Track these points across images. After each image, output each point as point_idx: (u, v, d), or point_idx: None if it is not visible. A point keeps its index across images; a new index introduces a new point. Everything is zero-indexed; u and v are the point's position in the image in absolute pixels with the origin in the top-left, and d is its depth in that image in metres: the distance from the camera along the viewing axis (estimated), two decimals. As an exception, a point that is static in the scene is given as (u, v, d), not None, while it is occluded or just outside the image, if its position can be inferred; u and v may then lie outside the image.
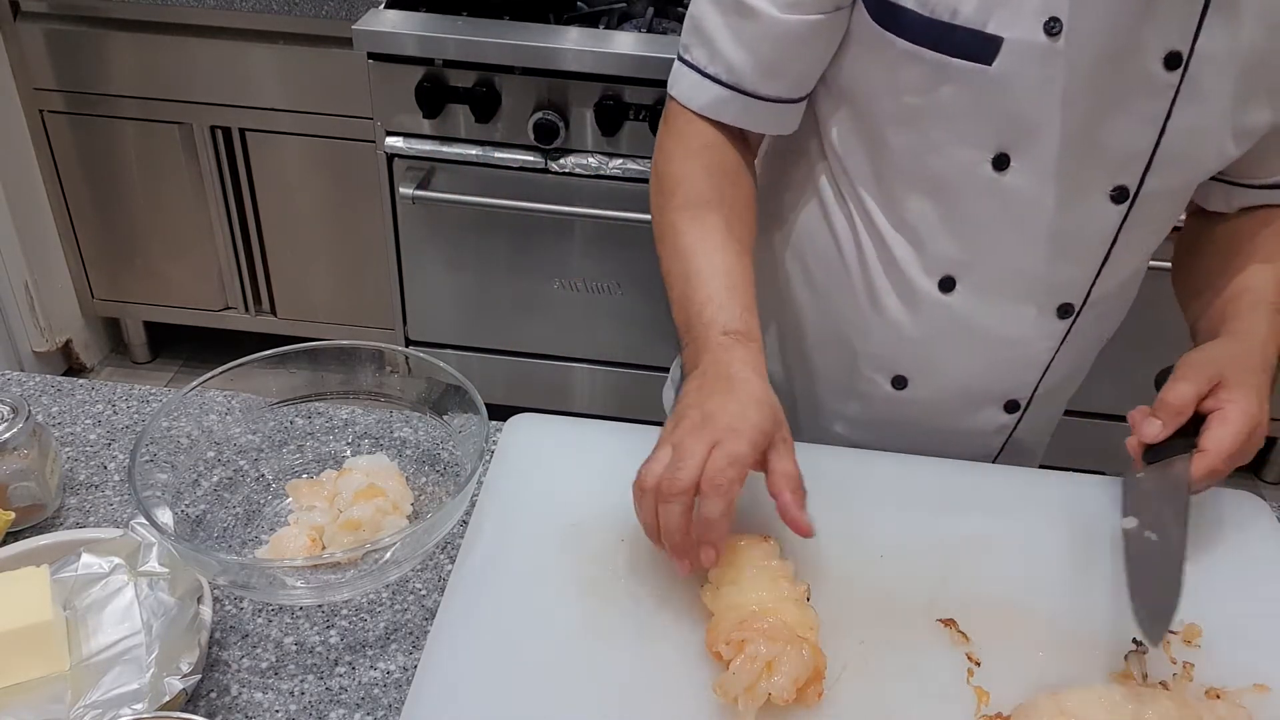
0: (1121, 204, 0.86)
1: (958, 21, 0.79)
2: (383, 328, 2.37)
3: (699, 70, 0.90)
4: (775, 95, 0.89)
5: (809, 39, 0.86)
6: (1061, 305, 0.93)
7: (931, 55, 0.82)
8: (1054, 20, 0.78)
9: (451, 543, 0.86)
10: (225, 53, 2.11)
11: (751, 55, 0.87)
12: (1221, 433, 0.80)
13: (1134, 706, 0.68)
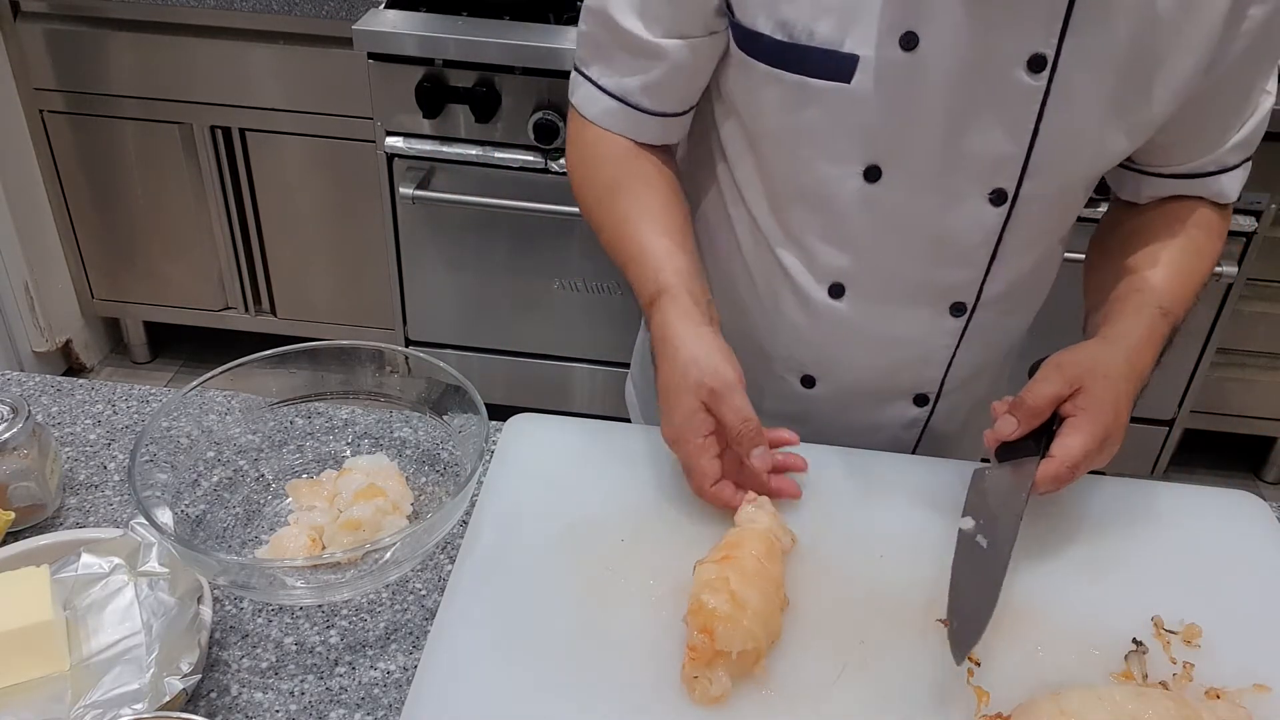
0: (1001, 206, 0.87)
1: (814, 43, 0.81)
2: (383, 328, 2.37)
3: (591, 81, 0.93)
4: (659, 110, 0.92)
5: (686, 60, 0.89)
6: (954, 305, 0.95)
7: (791, 77, 0.84)
8: (909, 35, 0.79)
9: (451, 543, 0.86)
10: (225, 53, 2.11)
11: (634, 74, 0.90)
12: (1070, 441, 0.80)
13: (1134, 706, 0.68)
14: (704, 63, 0.90)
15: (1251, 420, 2.28)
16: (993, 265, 0.92)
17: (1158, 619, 0.79)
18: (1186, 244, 0.93)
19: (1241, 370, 2.19)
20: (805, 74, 0.83)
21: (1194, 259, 0.93)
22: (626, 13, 0.87)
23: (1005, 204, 0.87)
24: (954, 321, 0.96)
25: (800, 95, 0.84)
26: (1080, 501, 0.90)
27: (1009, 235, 0.89)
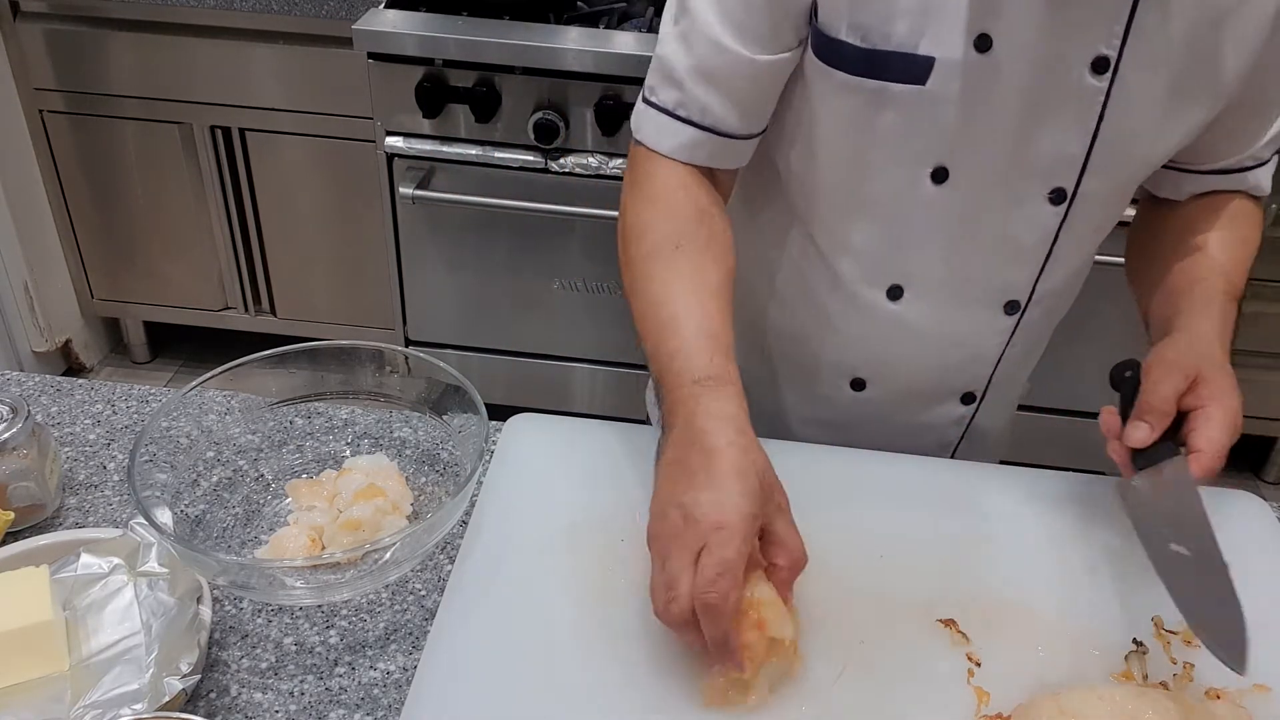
0: (1060, 205, 0.88)
1: (891, 47, 0.81)
2: (383, 328, 2.37)
3: (668, 113, 0.89)
4: (745, 132, 0.90)
5: (775, 76, 0.88)
6: (1008, 303, 0.95)
7: (870, 83, 0.84)
8: (984, 36, 0.80)
9: (451, 543, 0.86)
10: (225, 53, 2.11)
11: (725, 96, 0.87)
12: (1211, 432, 0.80)
13: (1134, 706, 0.68)
14: (787, 75, 0.89)
15: (1251, 420, 2.26)
16: (1048, 263, 0.93)
17: (1158, 619, 0.79)
18: (1233, 232, 0.95)
19: (1242, 370, 2.16)
20: (883, 79, 0.83)
21: (1241, 246, 0.95)
22: (723, 33, 0.84)
23: (1064, 203, 0.88)
24: (1007, 320, 0.96)
25: (877, 100, 0.84)
26: (1081, 501, 0.90)
27: (1065, 234, 0.90)
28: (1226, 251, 0.94)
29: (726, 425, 0.74)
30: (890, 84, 0.83)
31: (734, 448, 0.72)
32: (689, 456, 0.73)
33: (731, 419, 0.75)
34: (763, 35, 0.85)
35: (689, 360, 0.79)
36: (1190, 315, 0.88)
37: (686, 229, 0.87)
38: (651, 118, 0.90)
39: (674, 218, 0.88)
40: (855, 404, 1.04)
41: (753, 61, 0.85)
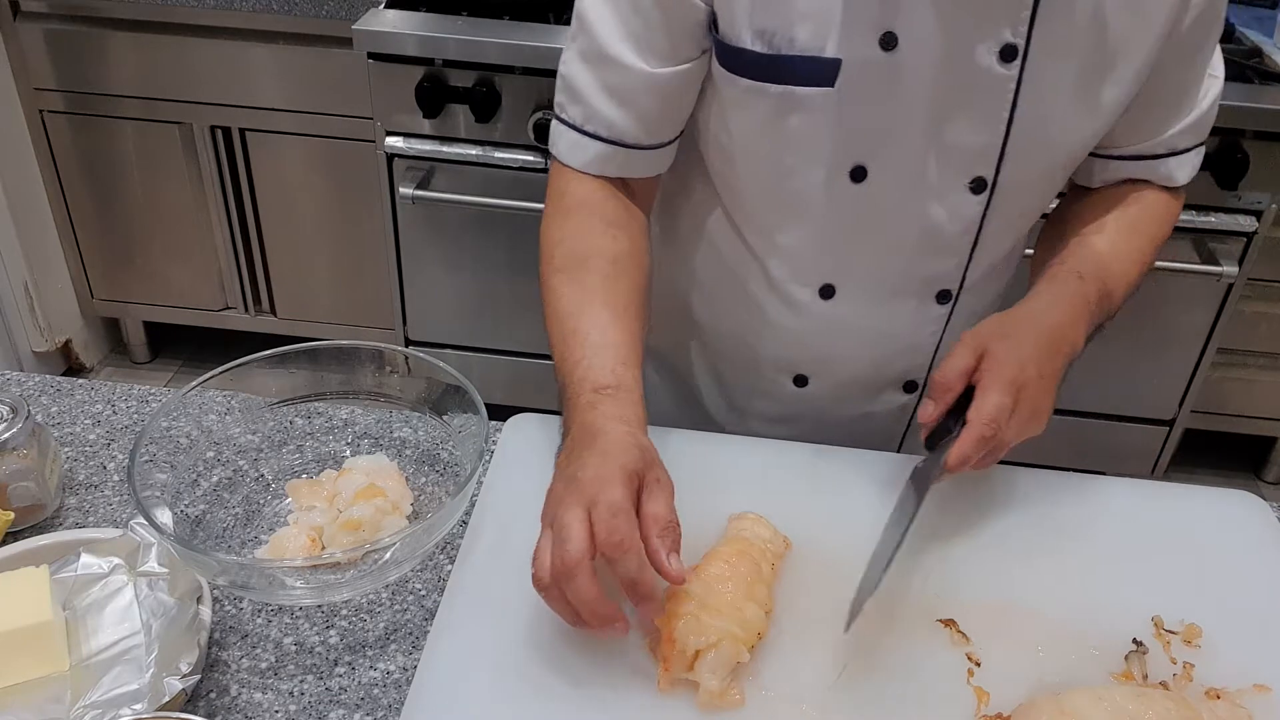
0: (981, 194, 0.89)
1: (796, 51, 0.82)
2: (383, 328, 2.37)
3: (577, 129, 0.90)
4: (653, 143, 0.91)
5: (679, 87, 0.88)
6: (940, 292, 0.96)
7: (776, 88, 0.84)
8: (889, 35, 0.80)
9: (451, 543, 0.86)
10: (225, 53, 2.11)
11: (627, 110, 0.88)
12: (979, 403, 0.79)
13: (1134, 706, 0.68)
14: (695, 84, 0.89)
15: (1252, 420, 2.28)
16: (975, 251, 0.93)
17: (1158, 619, 0.79)
18: (1121, 220, 0.95)
19: (1242, 370, 2.19)
20: (790, 83, 0.83)
21: (1128, 234, 0.94)
22: (621, 48, 0.86)
23: (985, 191, 0.88)
24: (940, 308, 0.97)
25: (785, 104, 0.85)
26: (1081, 501, 0.90)
27: (989, 222, 0.91)
28: (1104, 239, 0.93)
29: (619, 421, 0.76)
30: (797, 88, 0.83)
31: (617, 428, 0.75)
32: (576, 445, 0.75)
33: (625, 419, 0.77)
34: (661, 49, 0.85)
35: (590, 370, 0.81)
36: (1025, 297, 0.89)
37: (595, 244, 0.89)
38: (563, 133, 0.91)
39: (583, 233, 0.89)
40: (799, 399, 1.05)
41: (653, 75, 0.86)
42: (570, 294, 0.87)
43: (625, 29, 0.85)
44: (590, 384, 0.80)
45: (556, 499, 0.72)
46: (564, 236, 0.90)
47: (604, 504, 0.69)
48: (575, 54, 0.89)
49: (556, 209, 0.92)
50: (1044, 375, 0.82)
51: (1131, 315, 1.06)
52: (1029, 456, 1.11)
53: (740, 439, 0.96)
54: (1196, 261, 1.91)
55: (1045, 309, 0.86)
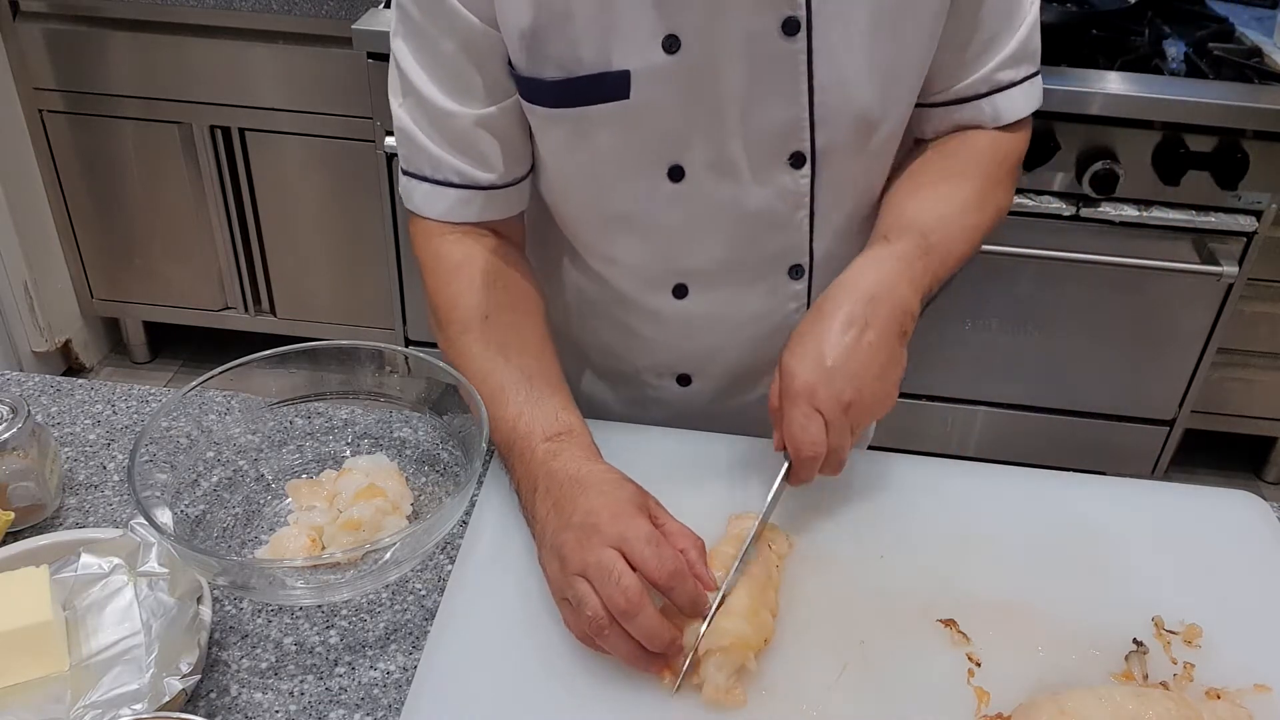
0: (803, 167, 0.89)
1: (585, 71, 0.82)
2: (383, 328, 2.37)
3: (427, 179, 0.91)
4: (503, 182, 0.91)
5: (508, 124, 0.89)
6: (791, 268, 0.96)
7: (573, 112, 0.85)
8: (670, 38, 0.81)
9: (451, 543, 0.86)
10: (225, 53, 2.11)
11: (468, 153, 0.89)
12: (785, 425, 0.78)
13: (1134, 706, 0.68)
14: (522, 117, 0.90)
15: (1252, 420, 2.28)
16: (814, 223, 0.93)
17: (1158, 619, 0.79)
18: (931, 170, 0.93)
19: (1242, 370, 2.19)
20: (585, 103, 0.84)
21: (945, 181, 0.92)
22: (440, 96, 0.87)
23: (806, 165, 0.88)
24: (797, 284, 0.97)
25: (588, 124, 0.85)
26: (1080, 501, 0.90)
27: (820, 192, 0.91)
28: (920, 195, 0.91)
29: (585, 462, 0.79)
30: (593, 106, 0.84)
31: (600, 469, 0.78)
32: (562, 495, 0.76)
33: (586, 458, 0.79)
34: (476, 91, 0.86)
35: (534, 422, 0.82)
36: None
37: (487, 297, 0.90)
38: (415, 187, 0.93)
39: (473, 289, 0.90)
40: (686, 397, 1.06)
41: (478, 117, 0.87)
42: (483, 353, 0.88)
43: (437, 76, 0.86)
44: (540, 434, 0.81)
45: (576, 546, 0.71)
46: (455, 296, 0.90)
47: (639, 539, 0.70)
48: (402, 107, 0.90)
49: (438, 270, 0.92)
50: (845, 364, 0.77)
51: (1131, 315, 1.06)
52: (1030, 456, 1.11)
53: (737, 438, 0.96)
54: (1196, 261, 1.92)
55: (842, 288, 0.81)
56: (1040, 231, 1.90)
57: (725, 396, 1.06)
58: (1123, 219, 1.88)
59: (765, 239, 0.93)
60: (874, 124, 0.89)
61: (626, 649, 0.69)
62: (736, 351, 1.02)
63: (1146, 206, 1.89)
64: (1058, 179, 1.88)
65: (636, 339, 1.03)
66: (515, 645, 0.74)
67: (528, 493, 0.81)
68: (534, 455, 0.80)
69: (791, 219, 0.92)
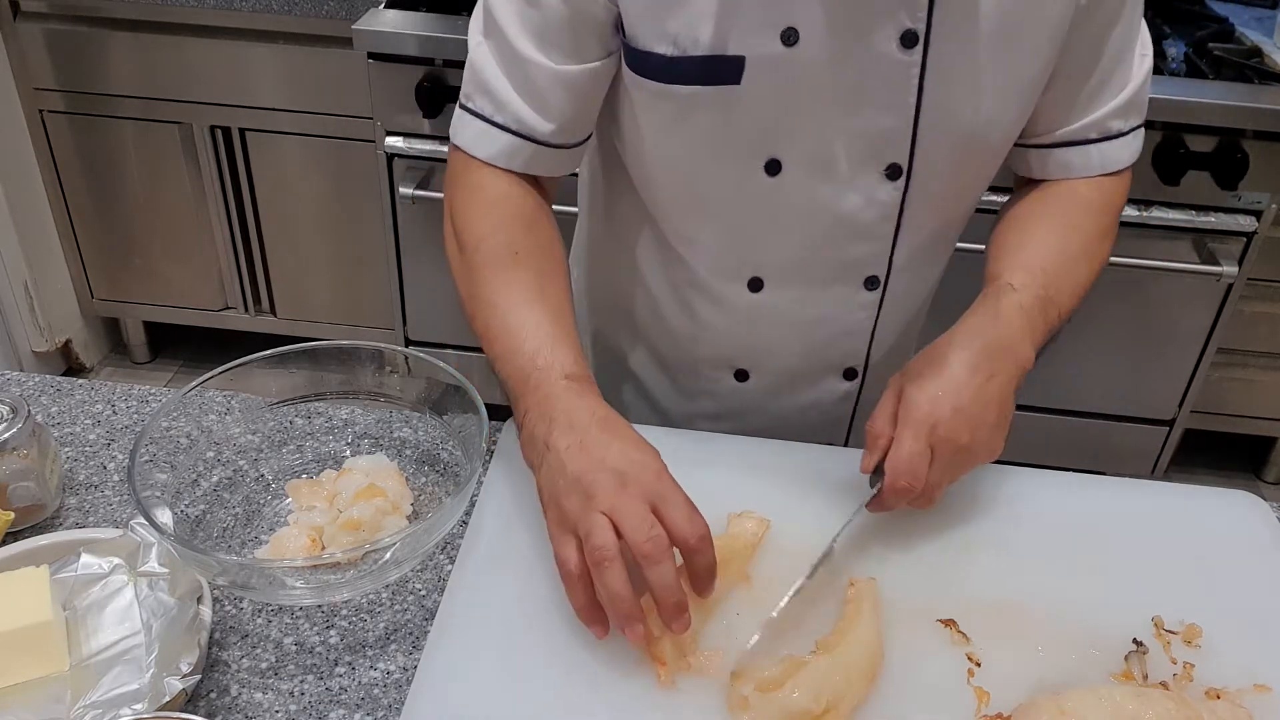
0: (897, 180, 0.89)
1: (699, 51, 0.82)
2: (383, 328, 2.37)
3: (484, 119, 0.90)
4: (560, 142, 0.91)
5: (585, 87, 0.88)
6: (867, 279, 0.96)
7: (683, 89, 0.85)
8: (790, 30, 0.81)
9: (451, 543, 0.86)
10: (225, 53, 2.11)
11: (536, 105, 0.88)
12: (894, 451, 0.79)
13: (1134, 707, 0.68)
14: (602, 86, 0.90)
15: (1251, 420, 2.28)
16: (899, 236, 0.93)
17: (1158, 619, 0.79)
18: (1055, 221, 0.94)
19: (1242, 370, 2.19)
20: (696, 83, 0.84)
21: (1064, 234, 0.93)
22: (525, 43, 0.86)
23: (901, 177, 0.89)
24: (870, 294, 0.98)
25: (694, 104, 0.85)
26: (1080, 501, 0.90)
27: (910, 206, 0.91)
28: (1042, 244, 0.92)
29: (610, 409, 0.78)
30: (704, 87, 0.84)
31: (626, 424, 0.77)
32: (589, 435, 0.75)
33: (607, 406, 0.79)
34: (565, 47, 0.86)
35: (554, 357, 0.81)
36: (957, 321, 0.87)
37: (520, 238, 0.89)
38: (469, 123, 0.92)
39: (507, 227, 0.89)
40: (740, 393, 1.05)
41: (558, 72, 0.86)
42: (508, 288, 0.86)
43: (529, 25, 0.85)
44: (559, 371, 0.80)
45: (610, 488, 0.71)
46: (488, 230, 0.89)
47: (678, 502, 0.71)
48: (482, 45, 0.89)
49: (474, 200, 0.91)
50: (969, 406, 0.79)
51: (1131, 315, 1.06)
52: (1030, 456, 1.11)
53: (739, 439, 0.96)
54: (1196, 261, 1.92)
55: (976, 330, 0.84)
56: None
57: (777, 396, 1.06)
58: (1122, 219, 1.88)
59: (848, 245, 0.93)
60: (976, 145, 0.90)
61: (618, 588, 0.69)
62: (799, 352, 1.02)
63: (1146, 206, 1.89)
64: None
65: (702, 327, 1.02)
66: (515, 645, 0.74)
67: (541, 424, 0.78)
68: (552, 389, 0.79)
69: (877, 229, 0.92)
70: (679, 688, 0.71)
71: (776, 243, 0.94)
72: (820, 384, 1.05)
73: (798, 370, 1.04)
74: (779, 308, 0.98)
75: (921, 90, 0.84)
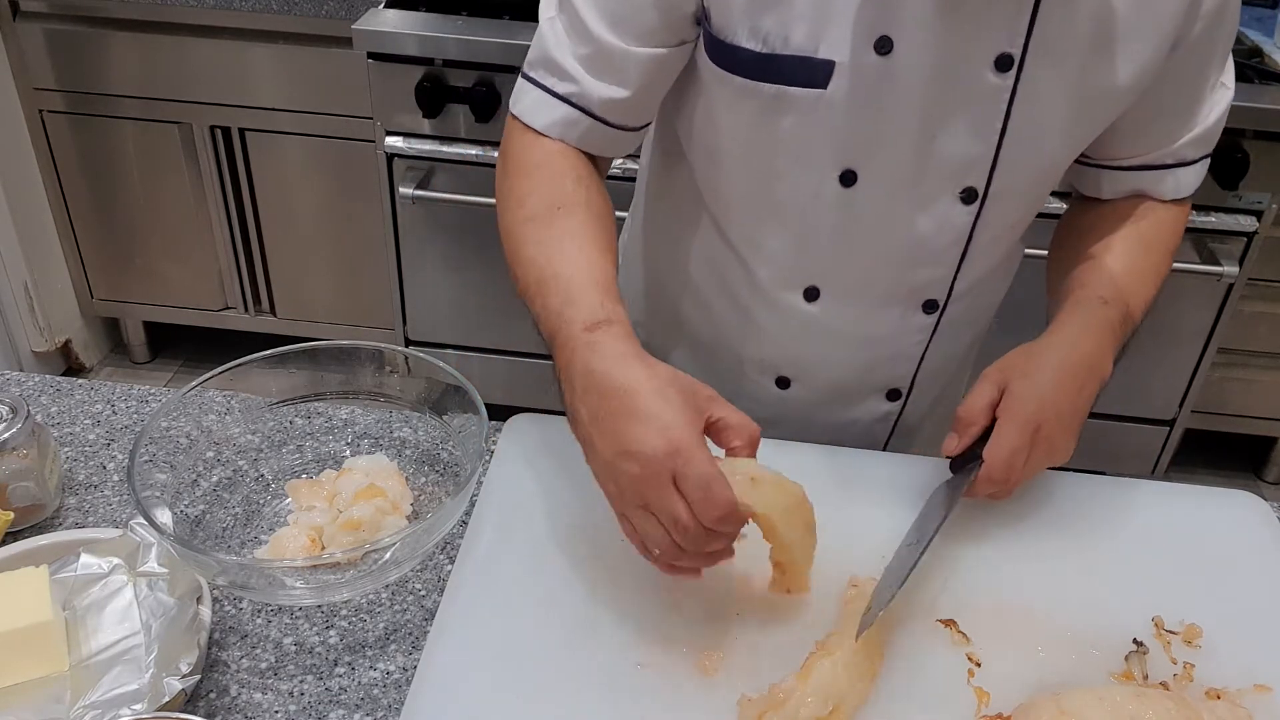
0: (972, 204, 0.88)
1: (789, 51, 0.81)
2: (383, 328, 2.37)
3: (547, 90, 0.89)
4: (619, 123, 0.90)
5: (653, 71, 0.87)
6: (926, 302, 0.96)
7: (769, 88, 0.83)
8: (884, 39, 0.80)
9: (451, 543, 0.86)
10: (225, 53, 2.11)
11: (600, 81, 0.87)
12: (994, 444, 0.80)
13: (1134, 707, 0.68)
14: (669, 75, 0.89)
15: (1252, 420, 2.28)
16: (963, 263, 0.93)
17: (1158, 619, 0.79)
18: (1134, 238, 0.94)
19: (1242, 370, 2.18)
20: (783, 83, 0.83)
21: (1143, 253, 0.94)
22: (597, 21, 0.85)
23: (976, 202, 0.88)
24: (926, 318, 0.97)
25: (778, 105, 0.84)
26: (1080, 501, 0.90)
27: (979, 232, 0.90)
28: (1121, 258, 0.93)
29: (625, 361, 0.74)
30: (789, 88, 0.83)
31: (641, 376, 0.73)
32: (608, 404, 0.73)
33: (625, 355, 0.75)
34: (640, 30, 0.85)
35: (577, 309, 0.78)
36: (1053, 322, 0.88)
37: (565, 191, 0.87)
38: (529, 92, 0.90)
39: (552, 182, 0.88)
40: (781, 401, 1.04)
41: (627, 53, 0.85)
42: (544, 238, 0.85)
43: (606, 7, 0.84)
44: (580, 324, 0.78)
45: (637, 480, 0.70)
46: (532, 187, 0.88)
47: (694, 480, 0.68)
48: (554, 17, 0.88)
49: (519, 165, 0.90)
50: (1066, 412, 0.82)
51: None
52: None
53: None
54: (1196, 261, 1.92)
55: (1072, 341, 0.85)
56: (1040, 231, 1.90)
57: (819, 408, 1.04)
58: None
59: (913, 266, 0.93)
60: (1052, 174, 0.90)
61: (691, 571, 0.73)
62: (845, 368, 1.01)
63: (1146, 206, 1.89)
64: (1058, 179, 1.88)
65: (752, 330, 1.01)
66: (515, 645, 0.74)
67: (568, 390, 0.78)
68: (574, 345, 0.77)
69: (945, 254, 0.92)
70: (685, 692, 0.71)
71: (841, 256, 0.93)
72: (863, 402, 1.04)
73: (842, 386, 1.03)
74: (832, 322, 0.97)
75: (1009, 116, 0.83)
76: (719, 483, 0.68)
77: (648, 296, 1.10)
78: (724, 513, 0.68)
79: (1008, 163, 0.85)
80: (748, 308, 0.99)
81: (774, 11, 0.80)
